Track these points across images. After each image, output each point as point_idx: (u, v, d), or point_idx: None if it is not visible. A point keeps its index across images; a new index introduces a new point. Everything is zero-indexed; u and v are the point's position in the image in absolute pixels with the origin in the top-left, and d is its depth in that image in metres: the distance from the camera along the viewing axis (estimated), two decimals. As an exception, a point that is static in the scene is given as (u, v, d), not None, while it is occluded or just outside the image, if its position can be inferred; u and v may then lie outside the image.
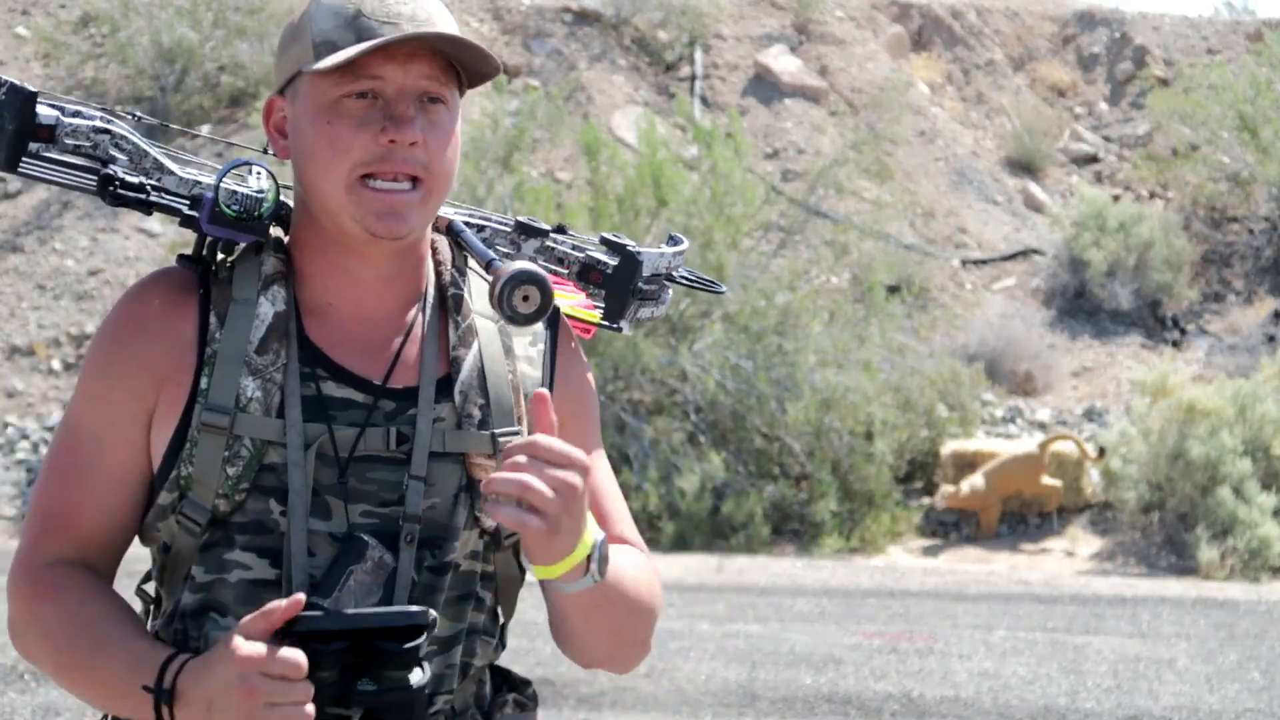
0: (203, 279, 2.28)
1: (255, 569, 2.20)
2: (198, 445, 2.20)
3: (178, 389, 2.22)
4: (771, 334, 15.70)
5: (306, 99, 2.21)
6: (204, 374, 2.22)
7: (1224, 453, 14.09)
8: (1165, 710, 9.01)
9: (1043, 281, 20.97)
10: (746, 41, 24.01)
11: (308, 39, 2.21)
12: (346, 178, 2.18)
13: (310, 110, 2.21)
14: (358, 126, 2.18)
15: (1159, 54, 25.34)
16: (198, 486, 2.19)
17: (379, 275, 2.27)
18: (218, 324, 2.23)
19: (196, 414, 2.20)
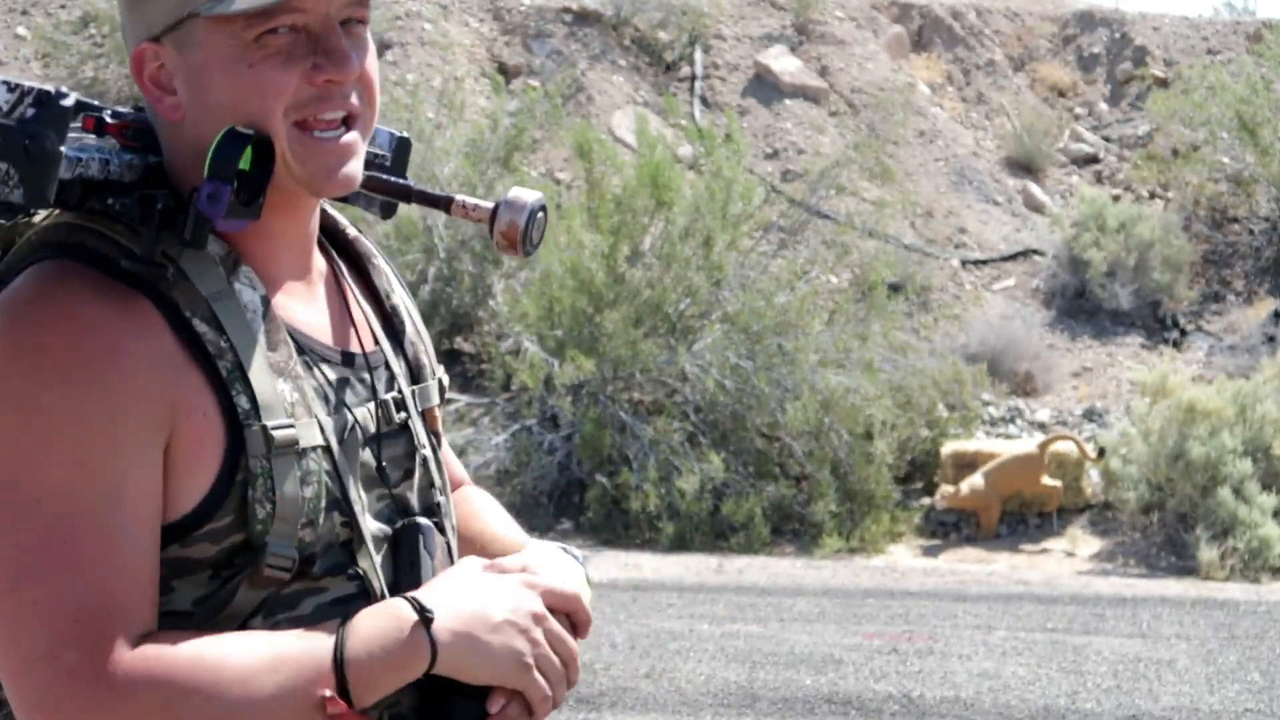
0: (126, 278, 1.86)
1: (332, 589, 1.93)
2: (272, 477, 1.85)
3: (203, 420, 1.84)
4: (771, 334, 15.69)
5: (210, 45, 1.87)
6: (235, 392, 1.85)
7: (1224, 453, 14.08)
8: (1165, 710, 9.01)
9: (1043, 282, 20.96)
10: (746, 42, 24.00)
11: None
12: (284, 127, 1.89)
13: (220, 58, 1.87)
14: (285, 65, 1.88)
15: (1159, 54, 25.33)
16: (280, 524, 1.85)
17: (305, 232, 2.01)
18: (211, 330, 1.85)
19: (252, 443, 1.84)
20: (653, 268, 15.91)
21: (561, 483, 15.36)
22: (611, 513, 14.91)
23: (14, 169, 1.76)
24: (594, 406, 15.26)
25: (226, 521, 1.85)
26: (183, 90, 1.90)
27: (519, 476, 15.15)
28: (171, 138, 1.94)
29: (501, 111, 17.85)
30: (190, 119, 1.91)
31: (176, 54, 1.89)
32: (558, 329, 15.68)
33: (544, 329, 15.70)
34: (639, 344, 15.31)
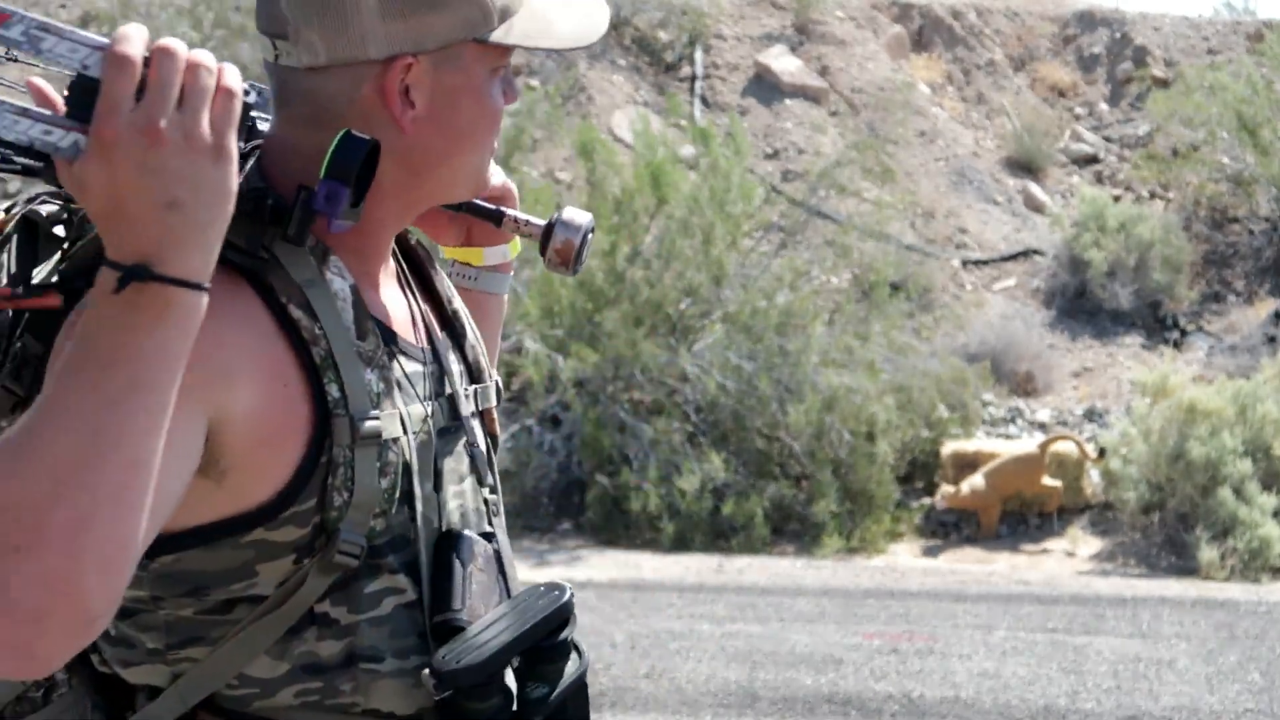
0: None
1: (411, 592, 1.94)
2: (353, 466, 1.85)
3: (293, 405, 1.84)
4: (772, 334, 15.69)
5: (473, 69, 1.95)
6: (327, 379, 1.84)
7: (1224, 453, 14.09)
8: (1165, 711, 9.01)
9: (1043, 282, 20.97)
10: (747, 41, 24.00)
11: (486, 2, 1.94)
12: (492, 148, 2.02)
13: (473, 83, 1.95)
14: (500, 94, 2.00)
15: (1159, 54, 25.33)
16: (354, 513, 1.86)
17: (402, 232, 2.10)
18: (306, 316, 1.85)
19: (339, 431, 1.84)
20: (653, 267, 15.92)
21: (562, 483, 15.36)
22: (612, 513, 14.92)
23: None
24: (594, 406, 15.26)
25: (310, 505, 1.85)
26: (424, 106, 1.93)
27: (519, 476, 15.15)
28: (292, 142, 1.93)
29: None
30: (419, 133, 1.94)
31: (432, 71, 1.93)
32: (558, 328, 15.69)
33: (544, 328, 15.70)
34: (639, 344, 15.32)
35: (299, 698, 1.90)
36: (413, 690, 1.94)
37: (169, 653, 1.88)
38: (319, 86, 1.92)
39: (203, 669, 1.88)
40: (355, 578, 1.90)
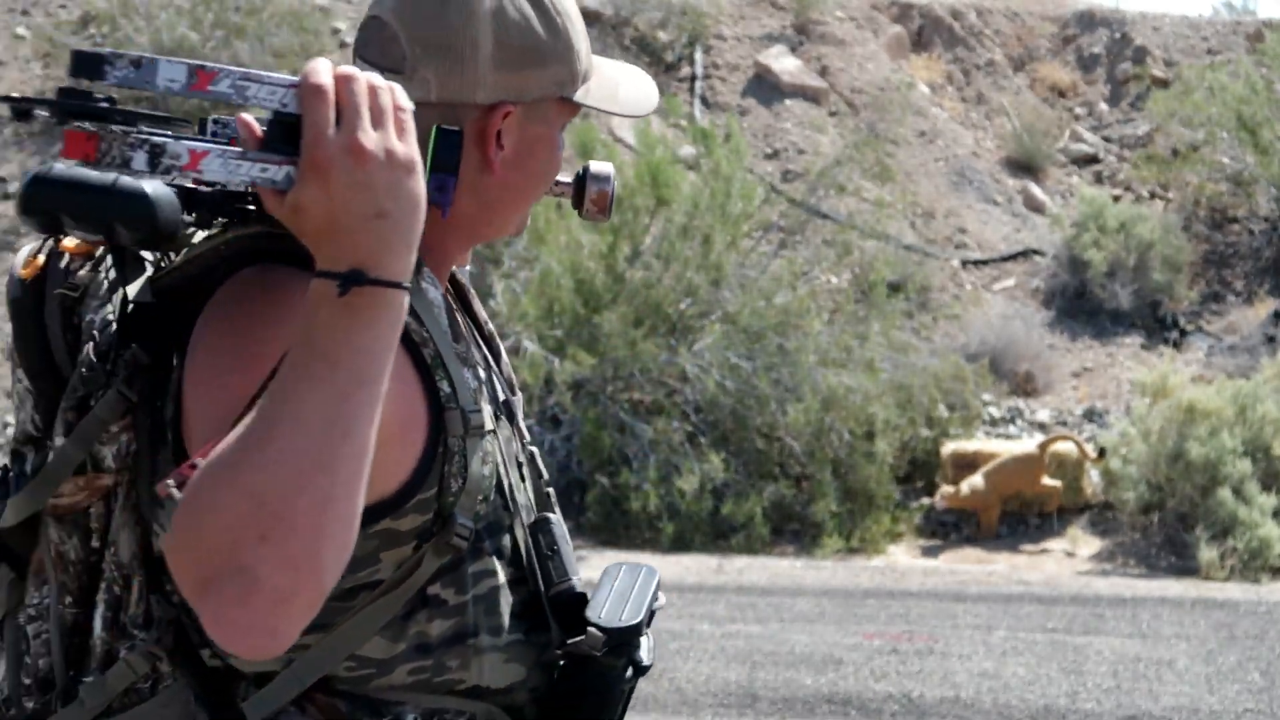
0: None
1: (501, 574, 2.09)
2: (465, 455, 1.99)
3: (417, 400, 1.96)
4: (772, 334, 15.69)
5: (553, 122, 2.13)
6: (439, 377, 1.97)
7: (1224, 453, 14.09)
8: (1165, 711, 9.01)
9: (1043, 282, 20.97)
10: (746, 42, 24.00)
11: (575, 64, 2.12)
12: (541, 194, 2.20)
13: (550, 135, 2.13)
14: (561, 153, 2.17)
15: (1159, 54, 25.33)
16: (466, 498, 2.00)
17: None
18: (414, 320, 1.97)
19: (452, 423, 1.97)
20: (652, 267, 15.92)
21: (561, 483, 15.36)
22: (611, 513, 14.92)
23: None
24: (594, 406, 15.26)
25: (431, 493, 1.98)
26: (510, 151, 2.09)
27: (519, 476, 15.14)
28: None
29: (502, 112, 17.83)
30: (503, 175, 2.10)
31: (522, 120, 2.09)
32: (557, 329, 15.68)
33: (543, 329, 15.70)
34: (639, 344, 15.32)
35: (411, 675, 2.01)
36: (504, 665, 2.08)
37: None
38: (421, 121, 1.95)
39: (318, 652, 1.98)
40: (461, 560, 2.03)
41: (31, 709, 2.06)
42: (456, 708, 2.05)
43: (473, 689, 2.06)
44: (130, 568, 2.00)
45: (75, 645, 2.04)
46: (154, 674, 2.00)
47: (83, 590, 2.03)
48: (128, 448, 1.99)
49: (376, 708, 2.00)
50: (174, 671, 1.99)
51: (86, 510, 2.01)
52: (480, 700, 2.07)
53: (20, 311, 2.08)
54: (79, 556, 2.02)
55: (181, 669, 2.00)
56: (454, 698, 2.05)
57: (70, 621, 2.04)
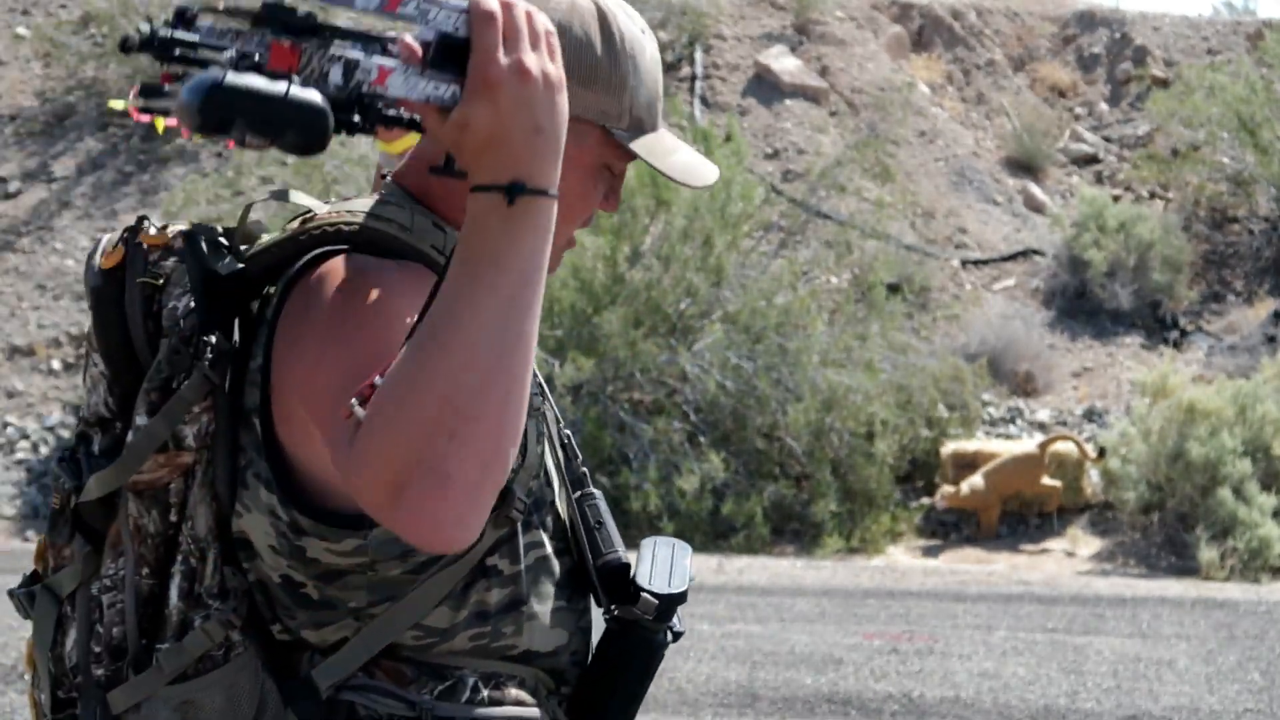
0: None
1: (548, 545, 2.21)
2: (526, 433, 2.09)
3: None
4: (772, 334, 15.70)
5: (590, 151, 2.19)
6: None
7: (1224, 453, 14.09)
8: (1165, 711, 9.01)
9: (1043, 282, 20.97)
10: (747, 42, 24.01)
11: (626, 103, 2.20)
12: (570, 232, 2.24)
13: (588, 164, 2.20)
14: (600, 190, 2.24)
15: (1159, 54, 25.34)
16: (524, 474, 2.14)
17: None
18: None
19: None
20: (653, 268, 15.92)
21: (562, 483, 15.36)
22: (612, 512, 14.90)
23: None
24: (594, 406, 15.27)
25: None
26: None
27: (519, 476, 15.16)
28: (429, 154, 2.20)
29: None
30: None
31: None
32: (558, 329, 15.69)
33: (543, 329, 15.70)
34: (639, 344, 15.32)
35: (471, 641, 2.12)
36: (551, 630, 2.19)
37: (366, 610, 2.10)
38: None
39: (386, 621, 2.09)
40: (515, 533, 2.15)
41: (100, 676, 2.17)
42: (509, 672, 2.16)
43: (524, 654, 2.17)
44: (206, 541, 2.12)
45: (149, 615, 2.14)
46: (227, 642, 2.11)
47: (159, 562, 2.14)
48: (208, 428, 2.11)
49: (440, 672, 2.12)
50: (245, 641, 2.10)
51: (166, 486, 2.13)
52: (529, 665, 2.18)
53: (101, 299, 2.19)
54: (158, 529, 2.14)
55: (251, 639, 2.11)
56: (506, 663, 2.16)
57: (146, 592, 2.14)
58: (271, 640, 2.13)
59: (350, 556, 2.06)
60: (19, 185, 21.08)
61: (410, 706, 2.09)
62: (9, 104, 22.43)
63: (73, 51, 22.82)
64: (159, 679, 2.11)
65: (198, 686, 2.11)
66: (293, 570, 2.09)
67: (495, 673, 2.15)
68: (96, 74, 22.69)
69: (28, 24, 23.63)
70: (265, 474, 2.07)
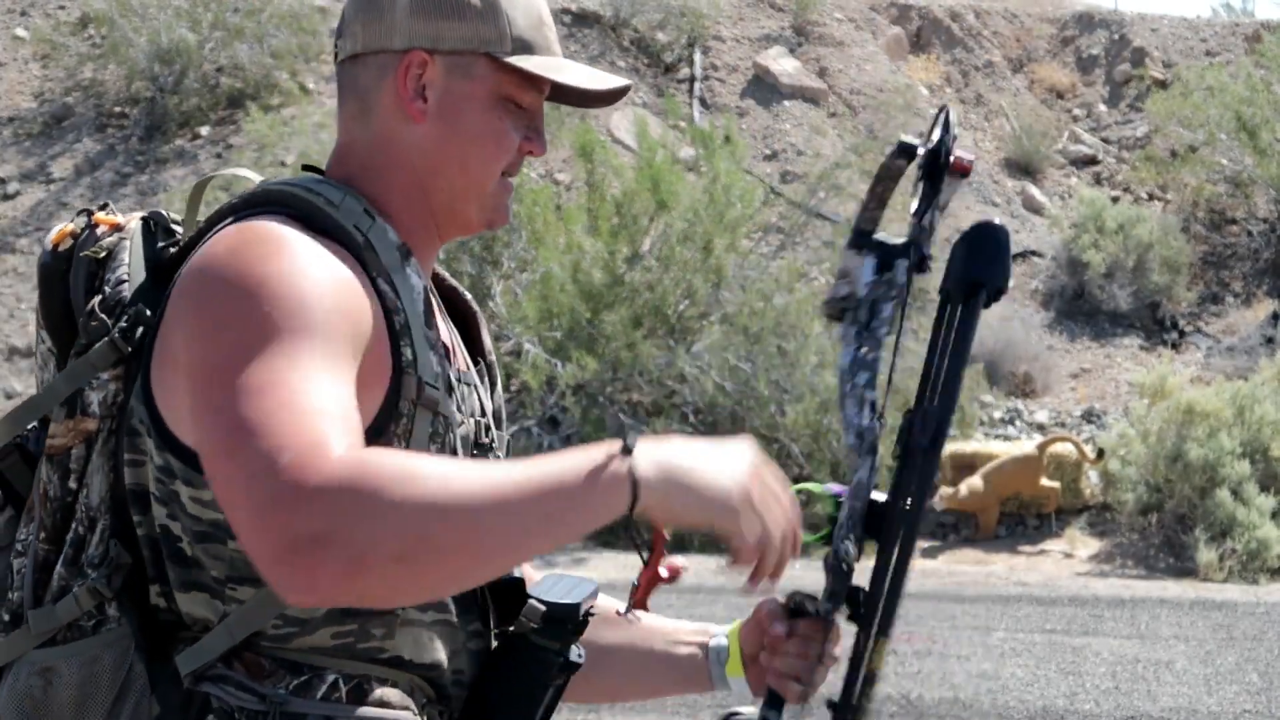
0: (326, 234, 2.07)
1: None
2: (414, 420, 2.06)
3: (382, 352, 2.03)
4: (770, 336, 15.70)
5: (483, 82, 2.18)
6: (403, 344, 2.05)
7: (1222, 454, 14.09)
8: (1163, 712, 9.01)
9: (1041, 283, 20.98)
10: (745, 43, 24.02)
11: (504, 26, 2.18)
12: (496, 175, 2.21)
13: (484, 96, 2.18)
14: (516, 129, 2.20)
15: (1158, 56, 25.34)
16: None
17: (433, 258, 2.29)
18: (390, 290, 2.07)
19: (407, 386, 2.05)
20: (652, 269, 15.92)
21: (560, 484, 15.36)
22: (610, 514, 14.92)
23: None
24: (593, 408, 15.26)
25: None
26: (434, 103, 2.17)
27: (518, 478, 15.15)
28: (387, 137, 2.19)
29: (500, 113, 17.83)
30: (429, 128, 2.18)
31: (444, 72, 2.18)
32: (557, 330, 15.69)
33: (543, 330, 15.71)
34: (638, 345, 15.32)
35: (335, 640, 2.05)
36: (428, 642, 2.13)
37: (224, 587, 2.04)
38: (358, 75, 2.21)
39: (249, 608, 2.03)
40: None
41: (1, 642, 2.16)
42: (378, 674, 2.08)
43: (394, 659, 2.09)
44: (97, 510, 2.09)
45: (42, 581, 2.13)
46: (99, 614, 2.08)
47: (56, 528, 2.13)
48: (114, 396, 2.09)
49: (298, 668, 2.04)
50: (119, 618, 2.07)
51: (68, 451, 2.12)
52: (402, 670, 2.11)
53: (48, 275, 2.20)
54: (57, 494, 2.12)
55: (129, 618, 2.07)
56: (376, 665, 2.08)
57: (42, 558, 2.13)
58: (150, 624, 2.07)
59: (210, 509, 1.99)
60: (17, 186, 21.07)
61: (261, 700, 2.00)
62: (7, 105, 22.43)
63: (71, 53, 22.82)
64: (27, 640, 2.10)
65: (60, 654, 2.07)
66: (170, 521, 2.03)
67: (362, 674, 2.07)
68: (95, 75, 22.69)
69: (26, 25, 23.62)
70: (145, 418, 2.04)
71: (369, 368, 2.00)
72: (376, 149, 2.19)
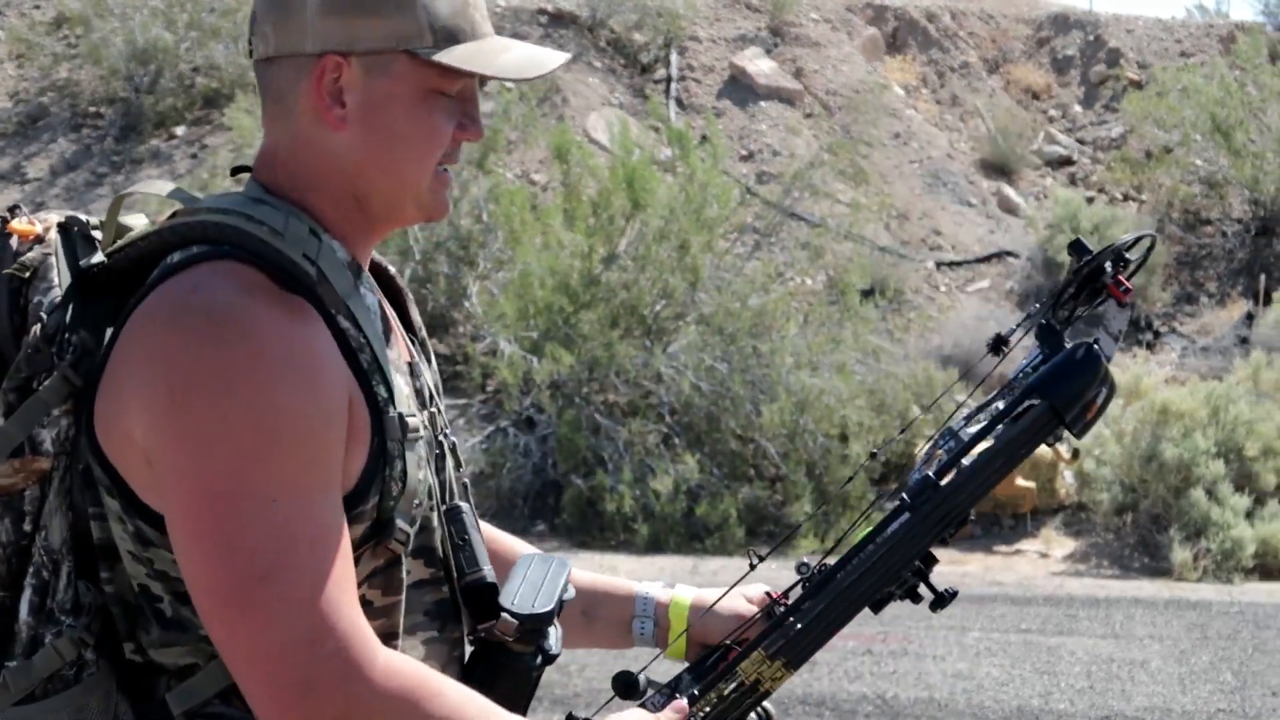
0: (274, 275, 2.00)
1: (415, 572, 2.10)
2: (404, 459, 2.01)
3: (360, 408, 1.98)
4: (746, 336, 15.71)
5: (404, 80, 2.05)
6: (375, 381, 1.99)
7: (1197, 454, 14.13)
8: (1138, 711, 9.03)
9: (1016, 283, 21.01)
10: (722, 44, 24.02)
11: (421, 19, 2.05)
12: (432, 169, 2.09)
13: (408, 94, 2.06)
14: (448, 120, 2.09)
15: (1132, 56, 25.40)
16: (404, 503, 2.02)
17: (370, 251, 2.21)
18: (352, 326, 2.01)
19: (391, 427, 2.00)
20: (629, 269, 15.93)
21: (537, 484, 15.36)
22: (586, 514, 14.92)
23: None
24: (569, 408, 15.26)
25: (374, 502, 2.00)
26: (354, 107, 2.06)
27: (494, 478, 15.15)
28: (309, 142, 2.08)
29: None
30: (351, 134, 2.06)
31: (362, 74, 2.05)
32: (533, 330, 15.69)
33: (520, 330, 15.70)
34: (615, 345, 15.32)
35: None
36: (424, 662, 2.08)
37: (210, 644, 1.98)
38: (274, 77, 2.09)
39: None
40: (396, 562, 2.05)
41: None
42: None
43: None
44: (60, 553, 1.99)
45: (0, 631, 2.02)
46: (79, 661, 2.00)
47: (11, 574, 2.01)
48: (68, 432, 1.99)
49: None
50: (98, 660, 1.99)
51: (21, 493, 2.00)
52: None
53: None
54: (9, 539, 2.00)
55: (105, 658, 2.01)
56: None
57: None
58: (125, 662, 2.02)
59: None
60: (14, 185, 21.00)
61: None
62: (-18, 105, 22.36)
63: (46, 52, 22.75)
64: (5, 699, 2.00)
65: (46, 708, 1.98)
66: (150, 581, 1.97)
67: None
68: (70, 75, 22.63)
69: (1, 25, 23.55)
70: (103, 476, 1.97)
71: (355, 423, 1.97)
72: (301, 155, 2.09)
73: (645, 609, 2.52)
